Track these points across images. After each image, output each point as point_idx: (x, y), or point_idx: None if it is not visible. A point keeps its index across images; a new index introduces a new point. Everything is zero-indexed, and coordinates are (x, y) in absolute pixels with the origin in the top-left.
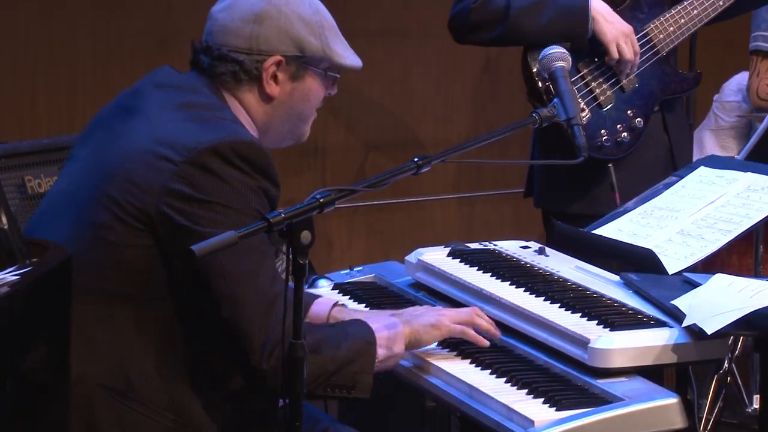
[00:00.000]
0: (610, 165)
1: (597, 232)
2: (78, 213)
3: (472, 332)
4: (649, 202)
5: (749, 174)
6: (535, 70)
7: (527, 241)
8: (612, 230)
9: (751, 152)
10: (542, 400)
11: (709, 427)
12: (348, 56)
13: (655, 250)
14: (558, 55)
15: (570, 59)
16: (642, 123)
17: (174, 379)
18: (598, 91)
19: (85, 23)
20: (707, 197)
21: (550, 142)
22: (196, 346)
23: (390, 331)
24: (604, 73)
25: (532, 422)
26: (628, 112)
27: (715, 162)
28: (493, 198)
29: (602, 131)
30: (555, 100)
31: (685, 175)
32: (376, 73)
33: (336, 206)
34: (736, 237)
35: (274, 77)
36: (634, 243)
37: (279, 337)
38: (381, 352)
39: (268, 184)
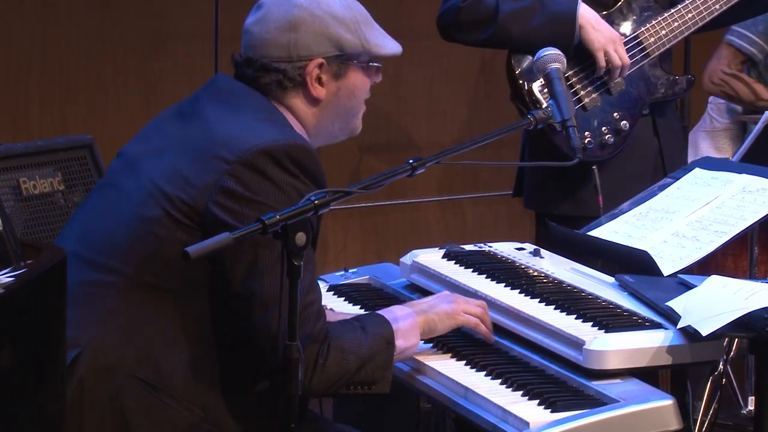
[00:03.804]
0: (594, 167)
1: (592, 233)
2: (129, 206)
3: (484, 327)
4: (644, 203)
5: (744, 176)
6: (518, 71)
7: (522, 242)
8: (607, 232)
9: (746, 154)
10: (537, 401)
11: (704, 429)
12: (387, 44)
13: (650, 251)
14: (553, 56)
15: (564, 60)
16: (628, 126)
17: (203, 376)
18: (582, 93)
19: (79, 25)
20: (702, 199)
21: (541, 145)
22: (226, 345)
23: (406, 322)
24: (589, 75)
25: (527, 424)
26: (614, 114)
27: (710, 163)
28: (488, 199)
29: (586, 133)
30: (550, 101)
31: (680, 177)
32: None
33: (331, 208)
34: (731, 239)
35: (318, 80)
36: (629, 245)
37: (309, 343)
38: (399, 344)
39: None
